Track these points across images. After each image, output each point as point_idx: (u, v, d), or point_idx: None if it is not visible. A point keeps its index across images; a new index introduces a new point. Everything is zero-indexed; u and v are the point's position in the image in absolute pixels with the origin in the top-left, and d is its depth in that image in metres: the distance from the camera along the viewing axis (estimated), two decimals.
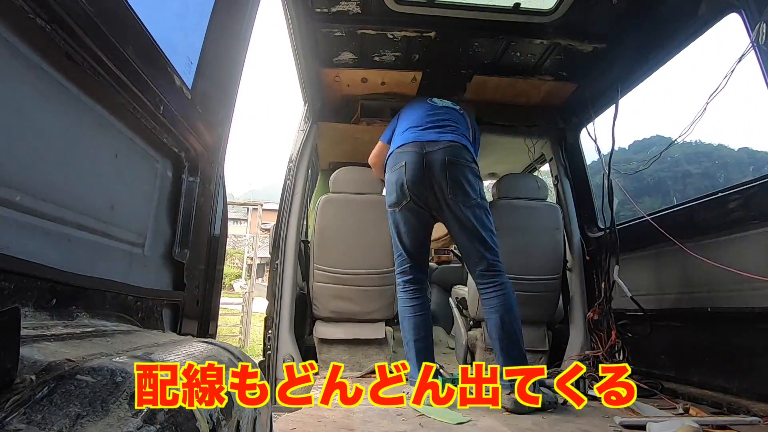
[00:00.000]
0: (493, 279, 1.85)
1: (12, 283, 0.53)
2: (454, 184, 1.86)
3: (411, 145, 1.92)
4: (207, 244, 1.12)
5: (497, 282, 1.85)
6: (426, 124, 2.00)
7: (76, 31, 0.63)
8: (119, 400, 0.38)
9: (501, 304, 1.82)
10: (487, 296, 1.86)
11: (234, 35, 1.20)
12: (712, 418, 1.56)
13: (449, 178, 1.86)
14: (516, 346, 1.79)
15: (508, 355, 1.77)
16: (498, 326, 1.79)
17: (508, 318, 1.80)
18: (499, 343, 1.79)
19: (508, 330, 1.79)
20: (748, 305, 1.66)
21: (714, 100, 1.81)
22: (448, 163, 1.86)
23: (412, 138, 1.94)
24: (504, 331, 1.79)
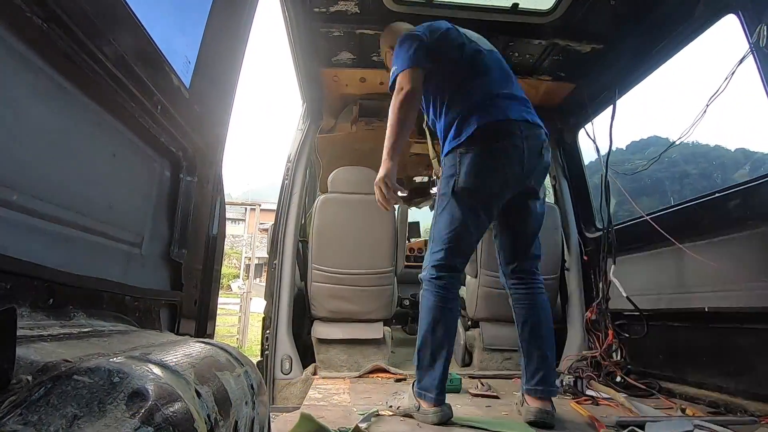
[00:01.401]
0: (536, 277, 1.70)
1: (8, 283, 0.52)
2: (542, 175, 1.66)
3: (505, 124, 1.55)
4: (205, 244, 1.12)
5: (539, 282, 1.70)
6: (505, 87, 1.63)
7: (74, 30, 0.62)
8: (116, 400, 0.38)
9: (543, 302, 1.67)
10: (525, 290, 1.68)
11: (232, 35, 1.20)
12: (709, 417, 1.56)
13: (540, 171, 1.64)
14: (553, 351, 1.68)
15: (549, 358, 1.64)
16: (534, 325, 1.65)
17: (546, 317, 1.67)
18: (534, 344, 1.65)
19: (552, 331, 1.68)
20: (745, 305, 1.67)
21: (713, 101, 1.83)
22: (543, 154, 1.61)
23: (502, 114, 1.56)
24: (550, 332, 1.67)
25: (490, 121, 1.54)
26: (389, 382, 2.25)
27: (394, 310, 2.61)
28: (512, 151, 1.56)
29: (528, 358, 1.66)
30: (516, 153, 1.56)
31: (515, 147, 1.56)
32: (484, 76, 1.64)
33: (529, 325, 1.66)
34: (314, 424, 1.22)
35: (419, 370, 1.58)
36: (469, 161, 1.55)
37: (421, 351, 1.58)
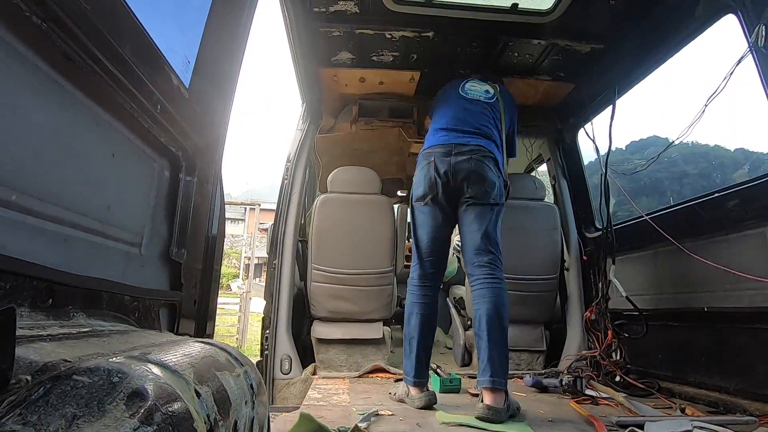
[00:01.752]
0: (491, 271, 1.83)
1: (8, 283, 0.52)
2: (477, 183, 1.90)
3: (440, 145, 1.96)
4: (204, 243, 1.12)
5: (494, 275, 1.83)
6: (457, 125, 2.02)
7: (73, 30, 0.62)
8: (116, 400, 0.38)
9: (494, 294, 1.78)
10: (479, 288, 1.82)
11: (232, 34, 1.20)
12: (709, 417, 1.56)
13: (472, 181, 1.90)
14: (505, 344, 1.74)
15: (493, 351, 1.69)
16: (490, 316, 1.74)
17: (501, 309, 1.76)
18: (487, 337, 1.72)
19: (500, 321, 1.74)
20: (744, 305, 1.67)
21: (711, 101, 1.83)
22: (473, 170, 1.89)
23: (441, 140, 1.98)
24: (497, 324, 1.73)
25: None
26: (389, 381, 2.25)
27: (393, 310, 2.61)
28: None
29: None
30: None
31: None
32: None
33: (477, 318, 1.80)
34: (314, 423, 1.22)
35: (404, 358, 1.89)
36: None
37: (404, 342, 1.91)
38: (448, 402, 1.85)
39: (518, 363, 2.56)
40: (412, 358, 1.83)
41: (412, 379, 1.80)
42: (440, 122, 2.08)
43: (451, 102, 2.14)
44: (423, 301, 1.92)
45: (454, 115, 2.07)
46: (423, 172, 1.95)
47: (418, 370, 1.82)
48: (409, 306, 1.93)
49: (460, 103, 2.11)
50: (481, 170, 1.90)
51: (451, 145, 1.94)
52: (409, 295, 1.95)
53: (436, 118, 2.14)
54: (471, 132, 1.99)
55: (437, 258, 1.97)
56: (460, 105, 2.11)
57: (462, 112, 2.07)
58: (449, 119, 2.06)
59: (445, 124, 2.05)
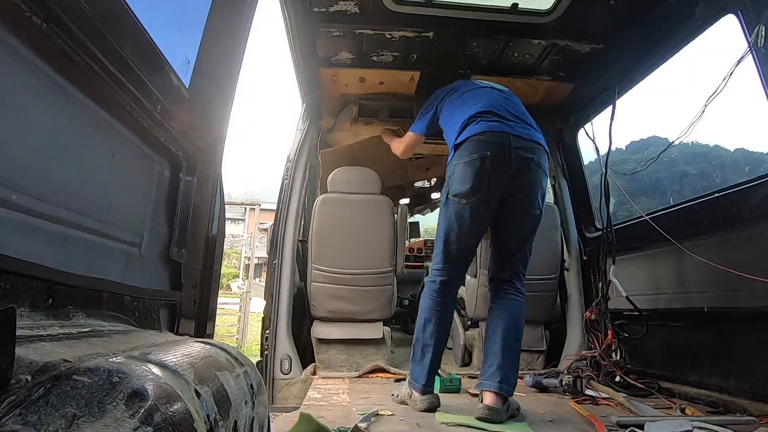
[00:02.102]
0: (517, 286, 1.79)
1: (8, 283, 0.52)
2: (534, 190, 1.72)
3: (496, 135, 1.67)
4: (204, 243, 1.12)
5: (519, 290, 1.78)
6: (506, 113, 1.74)
7: (73, 30, 0.62)
8: (116, 400, 0.38)
9: (516, 308, 1.75)
10: (503, 299, 1.76)
11: (232, 34, 1.20)
12: (709, 417, 1.56)
13: (531, 183, 1.70)
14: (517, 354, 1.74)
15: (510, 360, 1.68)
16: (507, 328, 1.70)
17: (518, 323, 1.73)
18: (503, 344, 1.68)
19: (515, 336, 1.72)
20: (744, 305, 1.67)
21: (711, 101, 1.83)
22: (535, 167, 1.69)
23: (496, 127, 1.68)
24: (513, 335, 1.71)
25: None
26: (389, 382, 2.25)
27: (393, 310, 2.61)
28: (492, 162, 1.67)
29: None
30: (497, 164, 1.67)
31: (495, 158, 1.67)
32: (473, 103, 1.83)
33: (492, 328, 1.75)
34: (314, 423, 1.22)
35: (412, 362, 1.78)
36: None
37: (415, 345, 1.78)
38: (448, 402, 1.85)
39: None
40: (425, 366, 1.72)
41: (421, 387, 1.71)
42: (479, 107, 1.75)
43: (472, 91, 1.85)
44: (442, 309, 1.76)
45: (488, 102, 1.77)
46: (473, 166, 1.66)
47: (429, 378, 1.72)
48: (427, 311, 1.76)
49: (485, 90, 1.84)
50: (540, 174, 1.70)
51: (507, 135, 1.66)
52: (428, 299, 1.77)
53: (468, 104, 1.80)
54: (520, 121, 1.72)
55: (465, 264, 1.83)
56: (490, 93, 1.82)
57: (497, 99, 1.79)
58: (490, 105, 1.75)
59: (490, 107, 1.73)
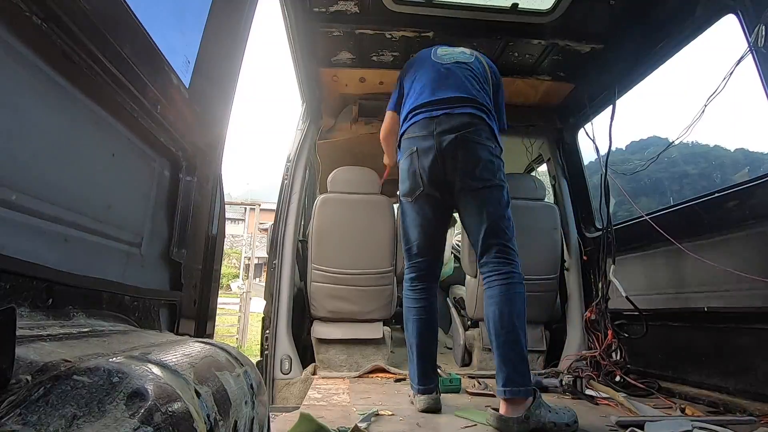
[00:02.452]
0: (500, 266, 1.62)
1: (8, 283, 0.52)
2: (469, 164, 1.64)
3: (420, 126, 1.70)
4: (204, 243, 1.12)
5: (504, 272, 1.61)
6: (439, 95, 1.72)
7: (73, 30, 0.62)
8: (116, 400, 0.38)
9: (504, 293, 1.57)
10: (489, 288, 1.61)
11: (232, 34, 1.20)
12: (709, 417, 1.56)
13: (465, 159, 1.64)
14: (516, 347, 1.51)
15: (505, 356, 1.50)
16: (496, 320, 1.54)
17: (508, 310, 1.54)
18: (495, 340, 1.54)
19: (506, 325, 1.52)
20: (744, 305, 1.67)
21: (711, 101, 1.83)
22: (462, 143, 1.64)
23: (421, 119, 1.71)
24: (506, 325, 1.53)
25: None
26: (389, 382, 2.25)
27: (393, 310, 2.61)
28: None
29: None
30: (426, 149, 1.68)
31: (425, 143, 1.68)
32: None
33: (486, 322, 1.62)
34: (313, 423, 1.22)
35: (409, 363, 1.80)
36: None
37: (407, 348, 1.82)
38: (449, 402, 1.85)
39: None
40: (414, 366, 1.74)
41: (416, 387, 1.71)
42: (414, 96, 1.78)
43: (423, 70, 1.84)
44: (418, 305, 1.77)
45: (428, 83, 1.78)
46: (406, 164, 1.72)
47: (421, 377, 1.71)
48: (406, 311, 1.80)
49: (435, 68, 1.82)
50: (473, 148, 1.64)
51: (432, 123, 1.67)
52: (405, 299, 1.81)
53: (409, 92, 1.83)
54: (454, 99, 1.70)
55: (431, 258, 1.79)
56: (434, 70, 1.81)
57: (438, 79, 1.78)
58: (424, 89, 1.77)
59: (422, 97, 1.75)
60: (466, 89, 1.74)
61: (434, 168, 1.66)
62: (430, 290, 1.81)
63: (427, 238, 1.77)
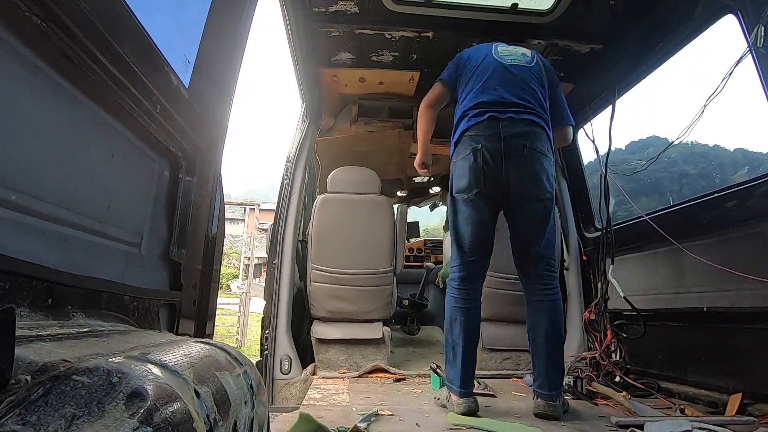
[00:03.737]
0: (548, 282, 1.75)
1: (7, 283, 0.52)
2: (533, 176, 1.69)
3: (486, 125, 1.71)
4: (204, 243, 1.12)
5: (551, 286, 1.75)
6: (503, 95, 1.75)
7: (73, 30, 0.62)
8: (115, 400, 0.38)
9: (554, 308, 1.72)
10: (540, 298, 1.74)
11: (231, 34, 1.20)
12: (708, 417, 1.56)
13: (529, 169, 1.69)
14: (562, 354, 1.74)
15: (556, 363, 1.69)
16: (548, 331, 1.69)
17: (558, 323, 1.72)
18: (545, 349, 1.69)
19: (557, 336, 1.72)
20: (744, 305, 1.67)
21: (711, 101, 1.83)
22: (529, 152, 1.68)
23: (486, 118, 1.71)
24: (554, 337, 1.71)
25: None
26: (389, 382, 2.25)
27: (393, 310, 2.61)
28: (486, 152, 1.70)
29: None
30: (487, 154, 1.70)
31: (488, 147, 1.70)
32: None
33: (533, 331, 1.74)
34: (313, 423, 1.22)
35: (447, 364, 1.75)
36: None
37: (446, 348, 1.76)
38: None
39: (518, 363, 2.56)
40: (458, 367, 1.69)
41: (458, 390, 1.67)
42: (476, 91, 1.79)
43: (486, 68, 1.83)
44: (467, 306, 1.74)
45: (492, 81, 1.79)
46: (468, 161, 1.70)
47: (464, 380, 1.69)
48: (452, 311, 1.76)
49: (498, 66, 1.82)
50: (539, 158, 1.69)
51: (498, 123, 1.69)
52: (451, 298, 1.78)
53: (471, 88, 1.82)
54: (519, 105, 1.74)
55: (482, 258, 1.79)
56: (498, 69, 1.81)
57: (504, 81, 1.79)
58: (488, 87, 1.78)
59: (486, 95, 1.76)
60: (530, 95, 1.78)
61: (498, 169, 1.68)
62: (478, 291, 1.80)
63: (480, 238, 1.76)
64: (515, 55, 1.88)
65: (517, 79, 1.80)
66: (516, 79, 1.80)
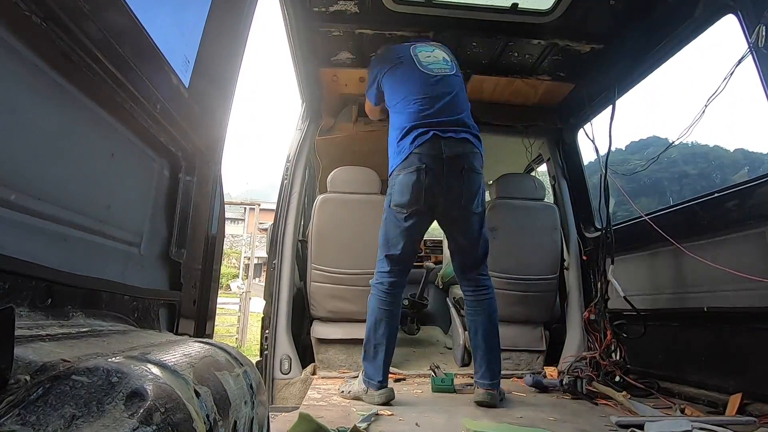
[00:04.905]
0: (486, 283, 1.94)
1: (7, 283, 0.52)
2: (470, 194, 1.82)
3: (430, 146, 1.75)
4: (204, 243, 1.12)
5: (489, 286, 1.94)
6: (441, 111, 1.80)
7: (73, 29, 0.62)
8: (115, 400, 0.38)
9: (490, 307, 1.91)
10: (478, 298, 1.92)
11: (232, 34, 1.20)
12: (708, 417, 1.56)
13: (467, 189, 1.80)
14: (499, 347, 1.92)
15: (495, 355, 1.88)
16: (487, 328, 1.88)
17: (495, 320, 1.91)
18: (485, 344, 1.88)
19: (495, 331, 1.90)
20: (744, 305, 1.67)
21: (711, 101, 1.83)
22: (467, 173, 1.79)
23: (431, 137, 1.76)
24: (492, 333, 1.89)
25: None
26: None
27: None
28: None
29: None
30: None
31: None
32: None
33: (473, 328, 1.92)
34: (313, 423, 1.22)
35: (365, 361, 1.88)
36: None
37: (366, 345, 1.88)
38: (443, 402, 1.85)
39: (518, 363, 2.56)
40: (378, 364, 1.83)
41: (377, 383, 1.81)
42: (414, 106, 1.82)
43: (411, 76, 1.87)
44: (392, 309, 1.88)
45: (424, 96, 1.83)
46: (410, 179, 1.77)
47: (384, 374, 1.84)
48: (377, 312, 1.87)
49: (425, 77, 1.87)
50: (475, 179, 1.81)
51: (439, 143, 1.75)
52: (377, 301, 1.89)
53: (398, 96, 1.88)
54: (455, 122, 1.80)
55: (409, 267, 1.94)
56: (426, 81, 1.86)
57: (434, 92, 1.83)
58: (423, 103, 1.81)
59: (424, 111, 1.80)
60: (463, 108, 1.88)
61: (437, 189, 1.78)
62: (401, 295, 1.96)
63: (411, 251, 1.91)
64: (438, 63, 1.94)
65: (447, 94, 1.86)
66: (446, 92, 1.86)
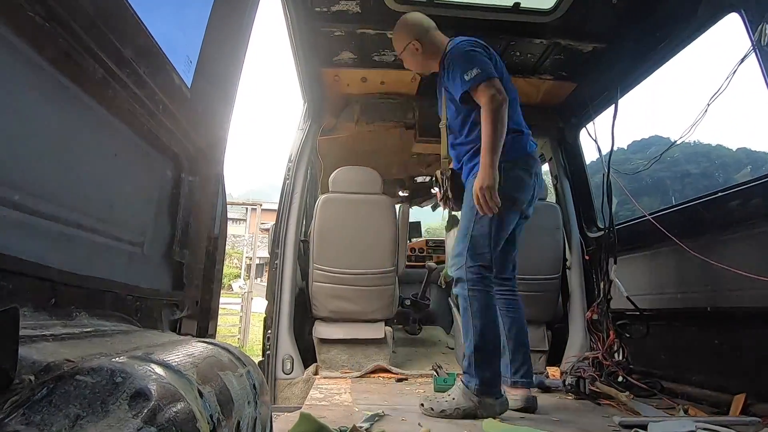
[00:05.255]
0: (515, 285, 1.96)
1: (10, 283, 0.52)
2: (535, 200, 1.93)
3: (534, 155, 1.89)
4: (206, 243, 1.12)
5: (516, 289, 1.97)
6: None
7: (75, 29, 0.62)
8: (119, 400, 0.38)
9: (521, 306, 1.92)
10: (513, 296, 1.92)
11: (234, 34, 1.20)
12: (712, 418, 1.55)
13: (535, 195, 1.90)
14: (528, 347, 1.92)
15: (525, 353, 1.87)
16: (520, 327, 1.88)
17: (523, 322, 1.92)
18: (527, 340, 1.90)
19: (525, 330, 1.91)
20: (747, 305, 1.67)
21: (714, 100, 1.82)
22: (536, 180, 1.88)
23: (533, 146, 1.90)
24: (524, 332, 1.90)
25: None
26: (390, 382, 2.25)
27: (395, 310, 2.61)
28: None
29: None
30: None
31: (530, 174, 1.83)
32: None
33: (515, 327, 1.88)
34: (315, 423, 1.22)
35: (478, 368, 1.65)
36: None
37: (475, 354, 1.66)
38: None
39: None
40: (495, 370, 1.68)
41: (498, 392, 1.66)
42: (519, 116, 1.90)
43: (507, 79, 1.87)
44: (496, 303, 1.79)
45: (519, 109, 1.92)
46: (528, 180, 1.80)
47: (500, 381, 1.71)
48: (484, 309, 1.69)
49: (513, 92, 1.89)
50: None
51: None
52: (481, 296, 1.70)
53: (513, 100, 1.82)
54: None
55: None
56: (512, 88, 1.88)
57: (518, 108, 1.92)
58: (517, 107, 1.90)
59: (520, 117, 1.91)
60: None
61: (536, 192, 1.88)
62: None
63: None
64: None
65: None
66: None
